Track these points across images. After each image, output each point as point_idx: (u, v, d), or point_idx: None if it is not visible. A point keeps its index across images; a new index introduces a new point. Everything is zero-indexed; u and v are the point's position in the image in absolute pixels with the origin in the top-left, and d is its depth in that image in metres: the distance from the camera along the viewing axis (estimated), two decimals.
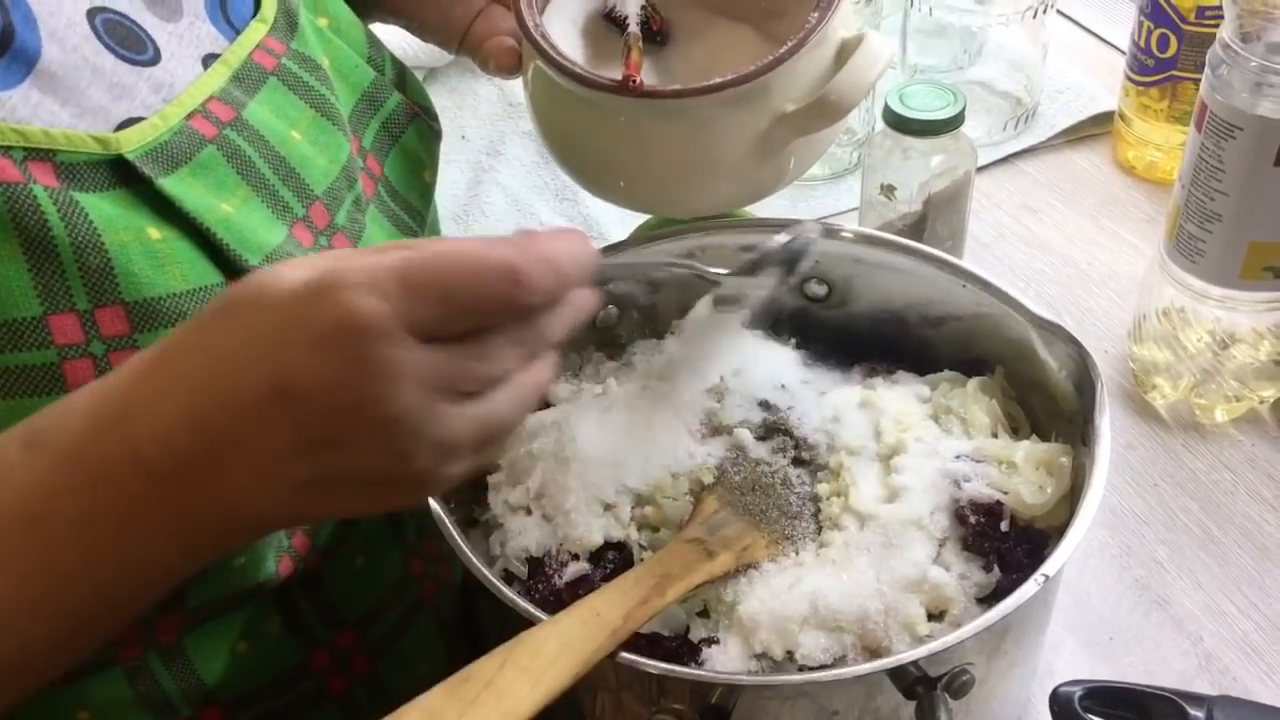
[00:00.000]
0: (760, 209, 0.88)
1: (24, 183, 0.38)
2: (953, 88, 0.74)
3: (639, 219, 0.85)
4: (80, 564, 0.36)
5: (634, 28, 0.55)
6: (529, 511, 0.53)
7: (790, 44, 0.50)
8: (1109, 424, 0.51)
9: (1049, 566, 0.46)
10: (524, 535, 0.52)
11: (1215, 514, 0.67)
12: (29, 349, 0.39)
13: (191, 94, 0.45)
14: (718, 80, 0.50)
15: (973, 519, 0.52)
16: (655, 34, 0.57)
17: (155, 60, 0.44)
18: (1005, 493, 0.52)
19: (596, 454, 0.54)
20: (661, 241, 0.62)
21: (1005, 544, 0.51)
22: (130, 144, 0.42)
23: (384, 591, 0.55)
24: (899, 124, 0.73)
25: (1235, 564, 0.64)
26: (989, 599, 0.51)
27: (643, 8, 0.57)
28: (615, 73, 0.53)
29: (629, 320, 0.64)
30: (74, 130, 0.41)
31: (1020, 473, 0.53)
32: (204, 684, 0.48)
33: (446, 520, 0.49)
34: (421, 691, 0.39)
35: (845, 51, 0.52)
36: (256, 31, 0.48)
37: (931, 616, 0.50)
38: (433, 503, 0.49)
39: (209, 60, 0.46)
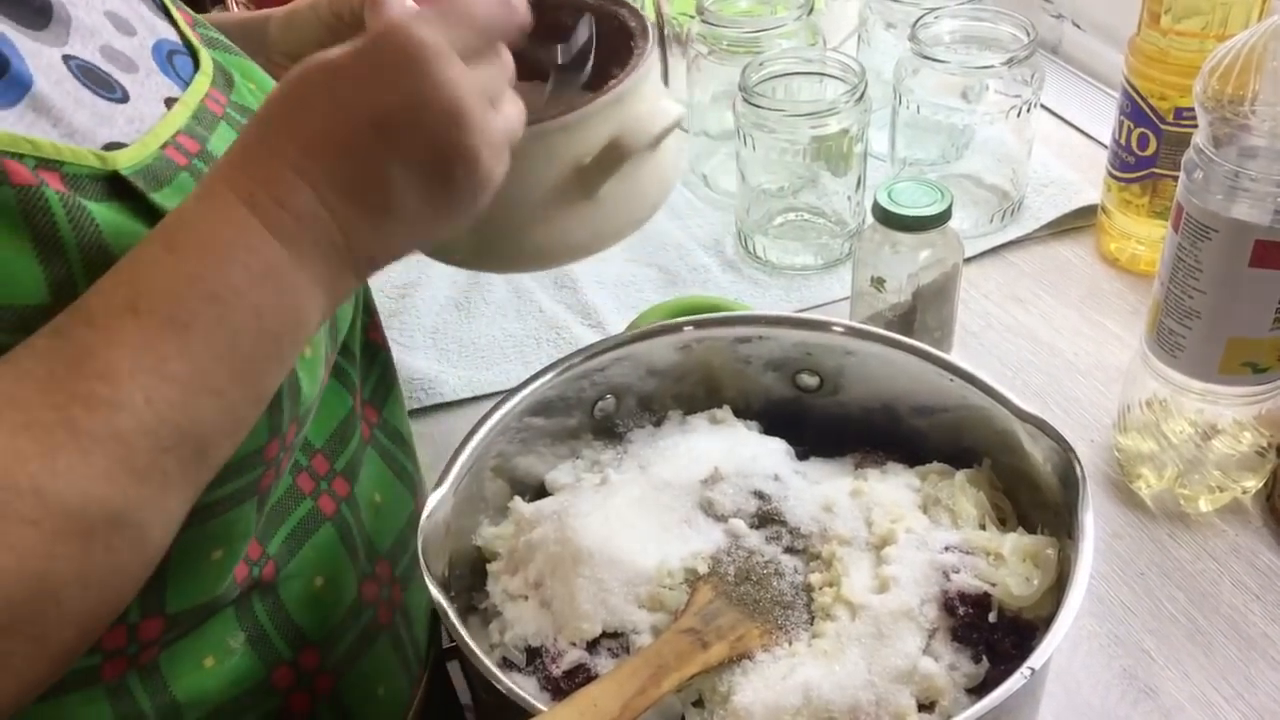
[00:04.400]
0: (756, 299, 0.91)
1: (36, 185, 0.42)
2: (940, 185, 0.77)
3: (636, 309, 0.88)
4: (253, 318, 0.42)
5: None
6: (528, 599, 0.55)
7: (590, 96, 0.56)
8: (1093, 519, 0.52)
9: (1035, 659, 0.47)
10: (522, 623, 0.54)
11: (1201, 604, 0.68)
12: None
13: (164, 126, 0.49)
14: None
15: (961, 610, 0.53)
16: None
17: (126, 99, 0.48)
18: (993, 584, 0.54)
19: (594, 543, 0.55)
20: (659, 336, 0.64)
21: (993, 635, 0.53)
22: (124, 162, 0.46)
23: (343, 613, 0.57)
24: (887, 219, 0.76)
25: (1221, 654, 0.65)
26: (978, 690, 0.52)
27: None
28: None
29: (627, 408, 0.65)
30: (77, 146, 0.44)
31: (1007, 564, 0.54)
32: (176, 701, 0.50)
33: (448, 608, 0.50)
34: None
35: (640, 108, 0.56)
36: (202, 84, 0.53)
37: (922, 707, 0.51)
38: (432, 589, 0.50)
39: (169, 103, 0.51)
